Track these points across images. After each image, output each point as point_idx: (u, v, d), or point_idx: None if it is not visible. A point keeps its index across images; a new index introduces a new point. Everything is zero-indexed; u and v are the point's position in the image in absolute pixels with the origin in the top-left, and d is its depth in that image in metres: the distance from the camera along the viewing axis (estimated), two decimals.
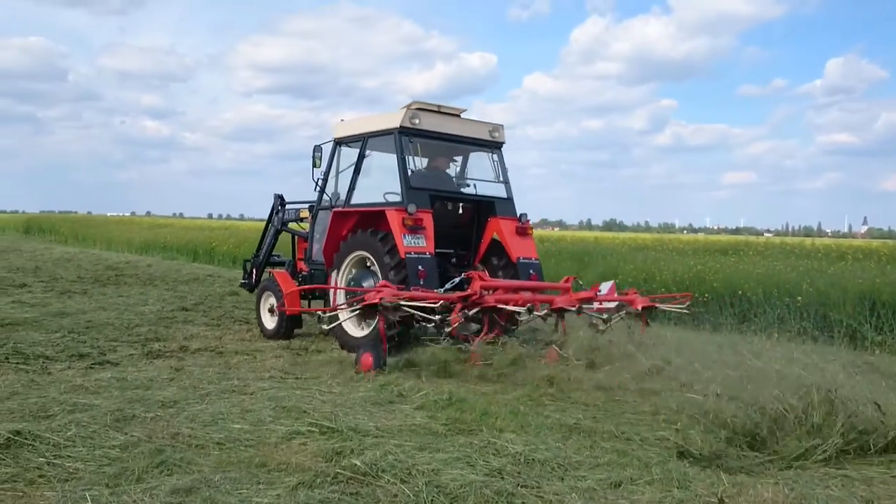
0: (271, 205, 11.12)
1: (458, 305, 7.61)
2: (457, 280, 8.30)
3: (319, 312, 8.55)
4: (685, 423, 5.66)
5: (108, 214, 64.32)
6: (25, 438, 4.68)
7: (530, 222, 9.51)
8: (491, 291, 7.96)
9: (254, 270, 11.17)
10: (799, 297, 11.89)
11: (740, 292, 12.60)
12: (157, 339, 9.00)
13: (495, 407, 6.00)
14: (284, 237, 11.28)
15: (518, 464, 4.56)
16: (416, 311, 7.33)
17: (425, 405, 5.97)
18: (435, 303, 7.38)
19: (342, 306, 8.09)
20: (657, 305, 8.74)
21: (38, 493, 4.03)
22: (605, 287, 8.67)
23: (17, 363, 7.20)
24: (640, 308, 8.33)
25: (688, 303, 9.23)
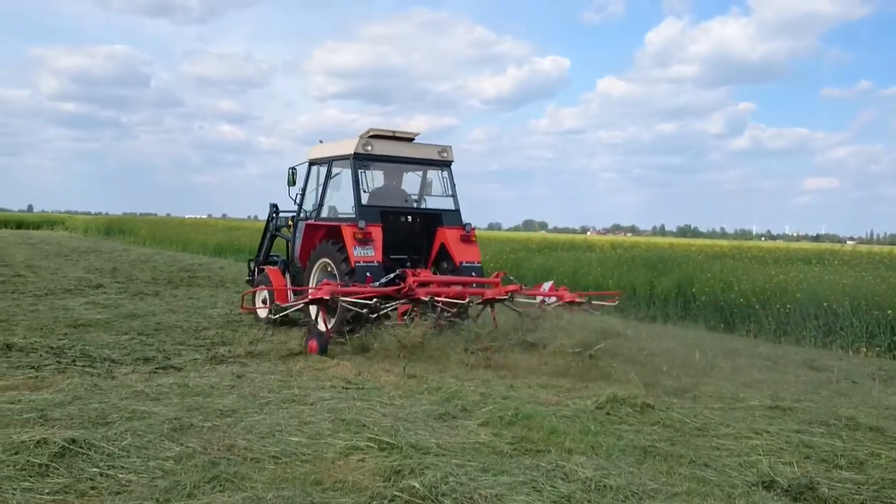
0: (268, 213, 12.61)
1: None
2: (391, 276, 9.51)
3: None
4: (772, 447, 5.26)
5: (186, 216, 65.88)
6: (80, 447, 4.59)
7: (475, 230, 10.75)
8: (428, 286, 9.33)
9: (255, 269, 12.44)
10: (889, 311, 11.19)
11: (825, 304, 11.92)
12: (222, 344, 8.97)
13: (564, 425, 5.68)
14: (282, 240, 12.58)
15: (588, 490, 4.24)
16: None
17: (490, 421, 5.70)
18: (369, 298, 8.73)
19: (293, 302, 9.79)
20: (581, 302, 9.98)
21: None
22: (546, 285, 10.39)
23: (84, 366, 7.22)
24: (568, 299, 9.87)
25: (617, 300, 10.94)
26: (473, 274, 10.18)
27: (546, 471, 4.54)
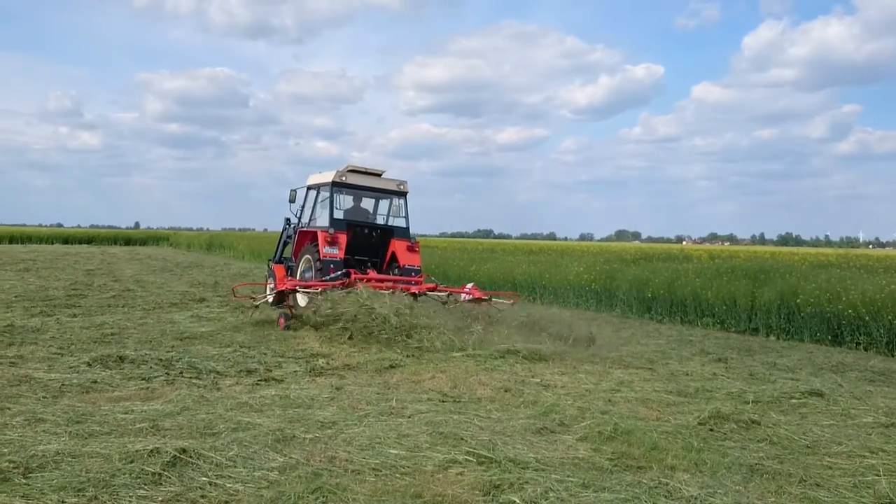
0: (283, 225, 16.30)
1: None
2: (339, 273, 12.54)
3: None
4: (890, 467, 4.99)
5: None
6: (190, 457, 4.76)
7: (419, 243, 14.44)
8: (366, 281, 12.10)
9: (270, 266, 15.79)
10: None
11: None
12: (321, 356, 9.13)
13: (666, 441, 5.55)
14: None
15: None
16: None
17: (589, 436, 5.62)
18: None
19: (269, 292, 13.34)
20: (488, 298, 12.53)
21: None
22: (469, 286, 13.19)
23: (191, 377, 7.48)
24: (476, 296, 12.48)
25: (515, 301, 13.11)
26: (413, 274, 13.63)
27: (648, 488, 4.44)
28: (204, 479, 4.48)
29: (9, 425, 5.43)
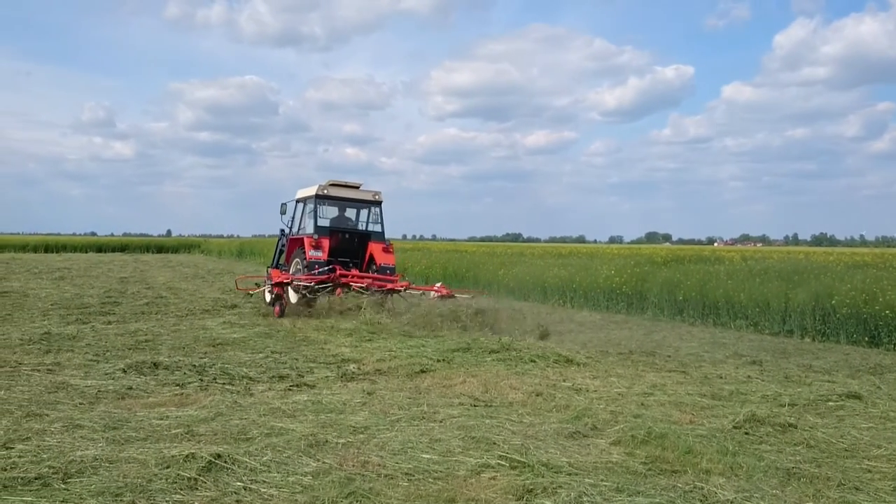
0: (279, 235, 18.37)
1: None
2: (325, 269, 14.64)
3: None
4: None
5: None
6: (225, 462, 4.80)
7: (393, 245, 16.46)
8: (350, 277, 14.72)
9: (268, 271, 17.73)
10: None
11: None
12: (352, 361, 9.17)
13: (700, 444, 5.49)
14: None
15: None
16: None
17: (622, 440, 5.58)
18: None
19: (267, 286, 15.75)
20: (453, 294, 14.73)
21: None
22: (437, 285, 15.33)
23: (224, 383, 7.55)
24: (443, 293, 14.57)
25: (473, 295, 15.35)
26: (388, 272, 15.50)
27: (683, 492, 4.40)
28: (239, 483, 4.52)
29: (47, 431, 5.53)
